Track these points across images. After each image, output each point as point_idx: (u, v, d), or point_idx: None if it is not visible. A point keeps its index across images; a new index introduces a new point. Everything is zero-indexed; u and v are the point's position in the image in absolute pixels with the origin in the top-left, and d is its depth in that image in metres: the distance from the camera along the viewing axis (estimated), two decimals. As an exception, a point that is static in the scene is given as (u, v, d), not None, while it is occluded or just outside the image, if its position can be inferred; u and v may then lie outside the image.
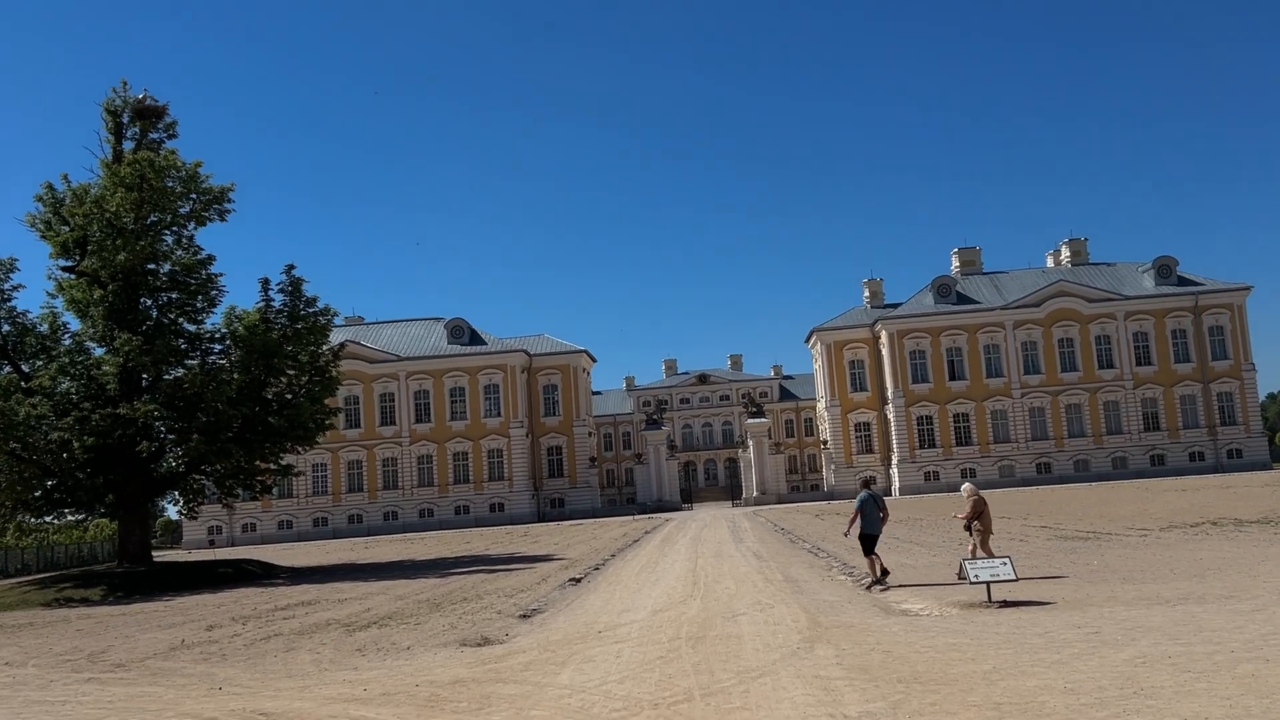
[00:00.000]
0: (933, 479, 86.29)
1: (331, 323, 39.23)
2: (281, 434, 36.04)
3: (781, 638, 12.06)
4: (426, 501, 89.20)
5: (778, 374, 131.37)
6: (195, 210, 38.36)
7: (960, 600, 14.67)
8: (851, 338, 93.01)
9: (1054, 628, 11.63)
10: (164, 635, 18.88)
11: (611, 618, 15.67)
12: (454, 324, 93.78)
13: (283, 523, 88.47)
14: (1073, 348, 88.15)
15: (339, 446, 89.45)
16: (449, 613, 19.10)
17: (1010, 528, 32.88)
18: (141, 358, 33.54)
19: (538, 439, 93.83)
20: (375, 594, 25.05)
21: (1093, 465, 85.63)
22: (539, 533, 59.88)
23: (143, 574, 33.23)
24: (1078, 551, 22.61)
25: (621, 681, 9.82)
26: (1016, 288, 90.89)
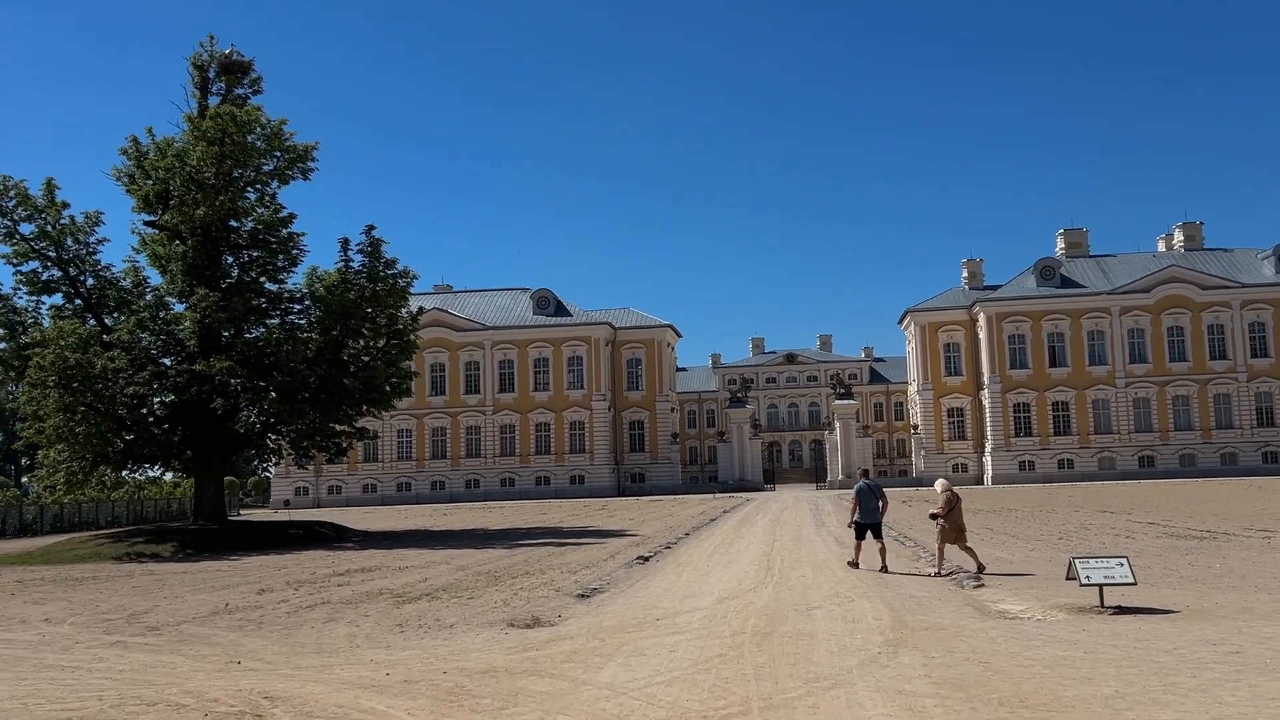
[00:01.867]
0: (1027, 469, 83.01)
1: (411, 286, 38.50)
2: (356, 396, 35.50)
3: (860, 639, 10.59)
4: (508, 471, 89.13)
5: (868, 356, 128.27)
6: (278, 168, 37.96)
7: (1067, 603, 12.98)
8: (947, 319, 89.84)
9: (1183, 643, 9.93)
10: (212, 597, 18.20)
11: (673, 603, 14.35)
12: (540, 294, 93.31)
13: (367, 486, 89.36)
14: (1183, 336, 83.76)
15: (424, 413, 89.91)
16: (506, 587, 18.03)
17: (1114, 523, 30.65)
18: (218, 314, 33.25)
19: (620, 413, 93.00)
20: (438, 563, 24.21)
21: (1199, 460, 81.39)
22: (616, 507, 58.98)
23: (215, 532, 33.09)
24: (1194, 552, 20.54)
25: (670, 684, 8.49)
26: (1125, 272, 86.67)
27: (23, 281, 35.66)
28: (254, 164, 37.20)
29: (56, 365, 30.90)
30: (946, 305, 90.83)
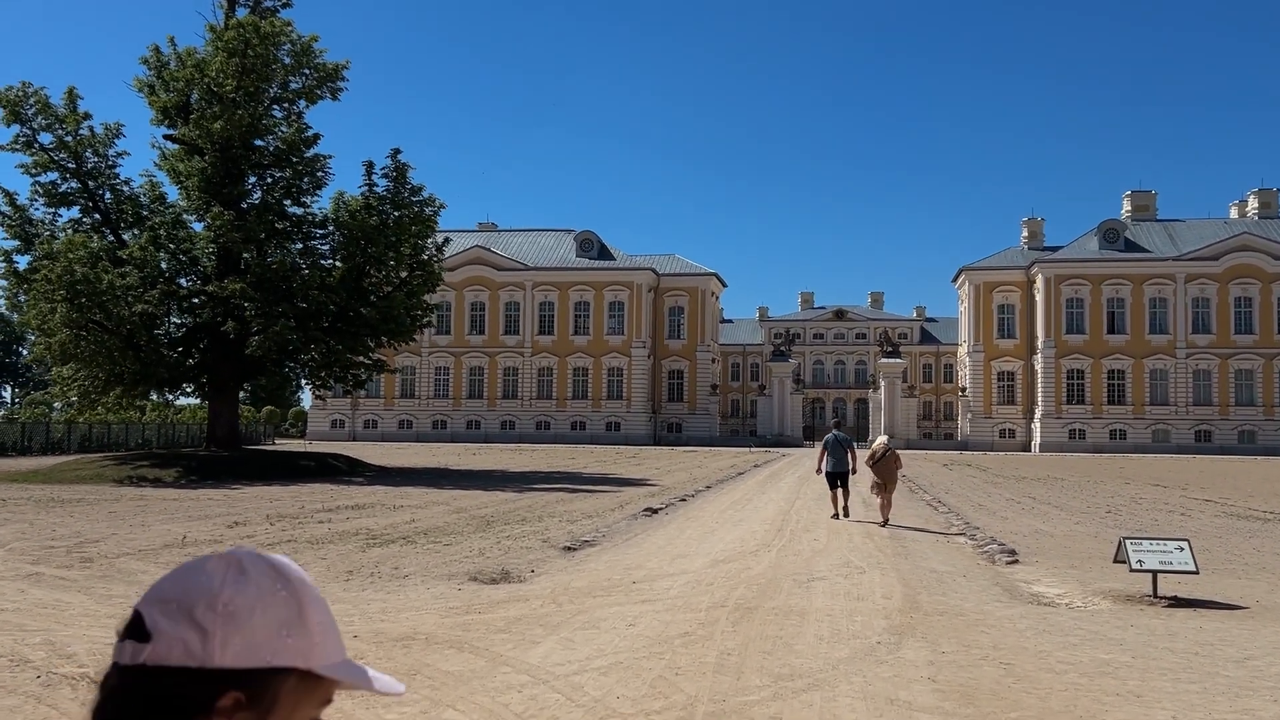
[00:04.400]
0: (1077, 437, 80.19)
1: (438, 214, 36.95)
2: (373, 327, 34.15)
3: (860, 622, 8.87)
4: (544, 414, 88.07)
5: (920, 315, 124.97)
6: (306, 87, 36.53)
7: (1113, 589, 11.15)
8: (1004, 280, 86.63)
9: (1256, 651, 8.10)
10: (178, 528, 16.93)
11: (661, 564, 12.73)
12: (584, 237, 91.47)
13: (403, 422, 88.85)
14: (1250, 308, 79.97)
15: (462, 351, 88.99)
16: (492, 535, 16.55)
17: (1168, 498, 28.52)
18: (232, 234, 31.97)
19: (660, 361, 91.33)
20: (437, 503, 22.85)
21: (1260, 438, 78.02)
22: (648, 456, 57.53)
23: (223, 459, 32.10)
24: (1257, 535, 18.50)
25: (607, 671, 6.86)
26: (1193, 238, 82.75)
27: (40, 192, 34.62)
28: (279, 80, 35.78)
29: (64, 279, 29.86)
30: (1003, 265, 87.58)
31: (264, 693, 1.09)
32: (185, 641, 1.07)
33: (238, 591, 1.10)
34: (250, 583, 1.12)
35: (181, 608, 1.09)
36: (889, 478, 18.80)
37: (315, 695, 1.13)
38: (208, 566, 1.14)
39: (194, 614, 1.08)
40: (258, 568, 1.14)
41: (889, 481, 18.80)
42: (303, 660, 1.10)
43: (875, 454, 18.98)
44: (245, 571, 1.13)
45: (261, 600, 1.11)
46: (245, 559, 1.15)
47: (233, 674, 1.07)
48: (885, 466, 18.73)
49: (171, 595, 1.11)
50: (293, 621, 1.11)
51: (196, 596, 1.10)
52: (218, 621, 1.08)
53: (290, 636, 1.10)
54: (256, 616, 1.09)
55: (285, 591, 1.13)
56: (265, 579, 1.13)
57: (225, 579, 1.11)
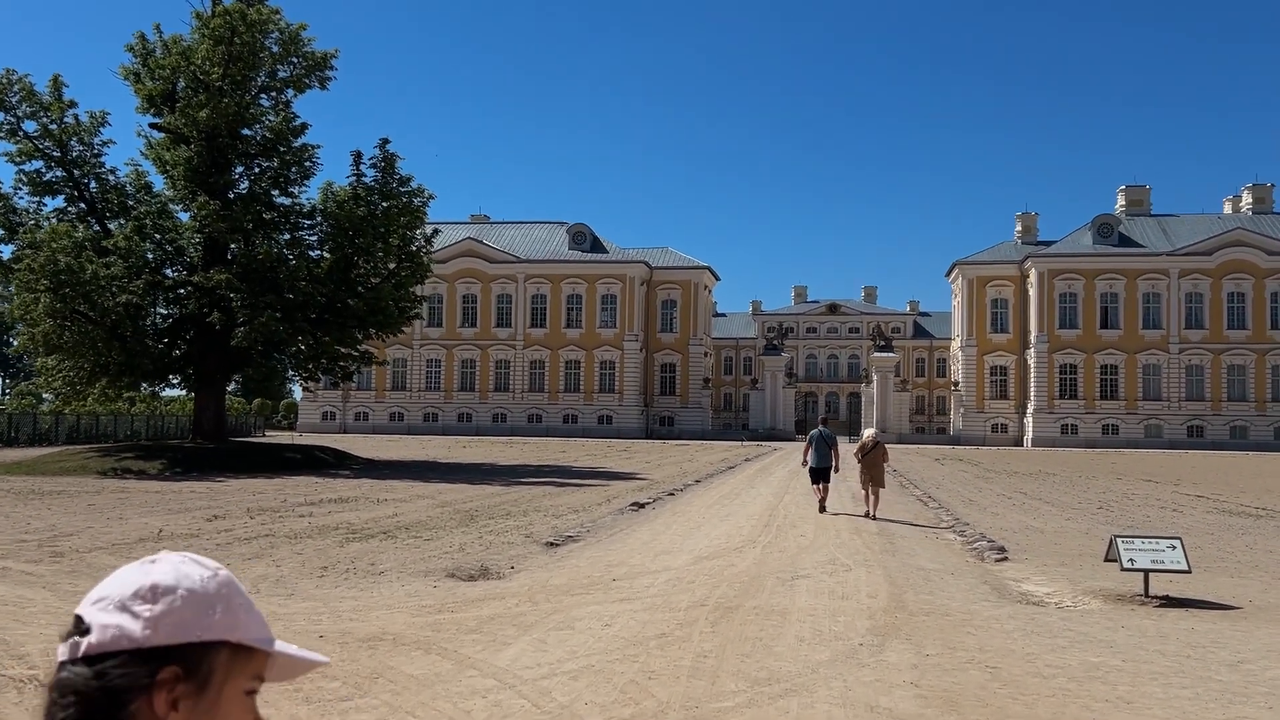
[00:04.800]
0: (1070, 432, 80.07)
1: (426, 205, 36.61)
2: (360, 318, 33.82)
3: (843, 623, 8.62)
4: (535, 407, 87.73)
5: (913, 309, 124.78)
6: (294, 75, 36.13)
7: (1103, 588, 10.93)
8: (997, 274, 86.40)
9: (1250, 654, 7.87)
10: (156, 521, 16.66)
11: (644, 560, 12.48)
12: (576, 229, 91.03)
13: (394, 414, 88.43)
14: (1243, 303, 79.82)
15: (454, 344, 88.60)
16: (475, 529, 16.30)
17: (1159, 494, 28.34)
18: (218, 224, 31.59)
19: (652, 354, 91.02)
20: (422, 497, 22.59)
21: (1252, 433, 77.93)
22: (639, 449, 57.29)
23: (209, 452, 31.79)
24: (1250, 532, 18.32)
25: (578, 675, 6.60)
26: (1187, 233, 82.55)
27: (24, 181, 34.21)
28: (267, 68, 35.43)
29: (48, 269, 29.48)
30: (997, 259, 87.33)
31: (199, 666, 1.20)
32: (120, 626, 1.18)
33: (163, 577, 1.23)
34: (174, 570, 1.24)
35: (113, 600, 1.21)
36: (876, 470, 19.02)
37: (247, 668, 1.25)
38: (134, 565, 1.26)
39: (126, 603, 1.20)
40: (179, 559, 1.27)
41: (876, 474, 19.02)
42: (230, 634, 1.23)
43: (864, 447, 19.33)
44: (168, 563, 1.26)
45: (187, 583, 1.23)
46: (164, 555, 1.28)
47: (167, 650, 1.18)
48: (873, 460, 19.03)
49: (103, 594, 1.22)
50: (217, 601, 1.23)
51: (126, 588, 1.22)
52: (148, 606, 1.20)
53: (216, 614, 1.22)
54: (183, 598, 1.21)
55: (207, 574, 1.26)
56: (189, 568, 1.25)
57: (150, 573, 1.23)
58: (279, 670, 1.29)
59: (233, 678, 1.23)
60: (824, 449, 20.05)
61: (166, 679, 1.18)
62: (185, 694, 1.19)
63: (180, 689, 1.18)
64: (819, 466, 19.98)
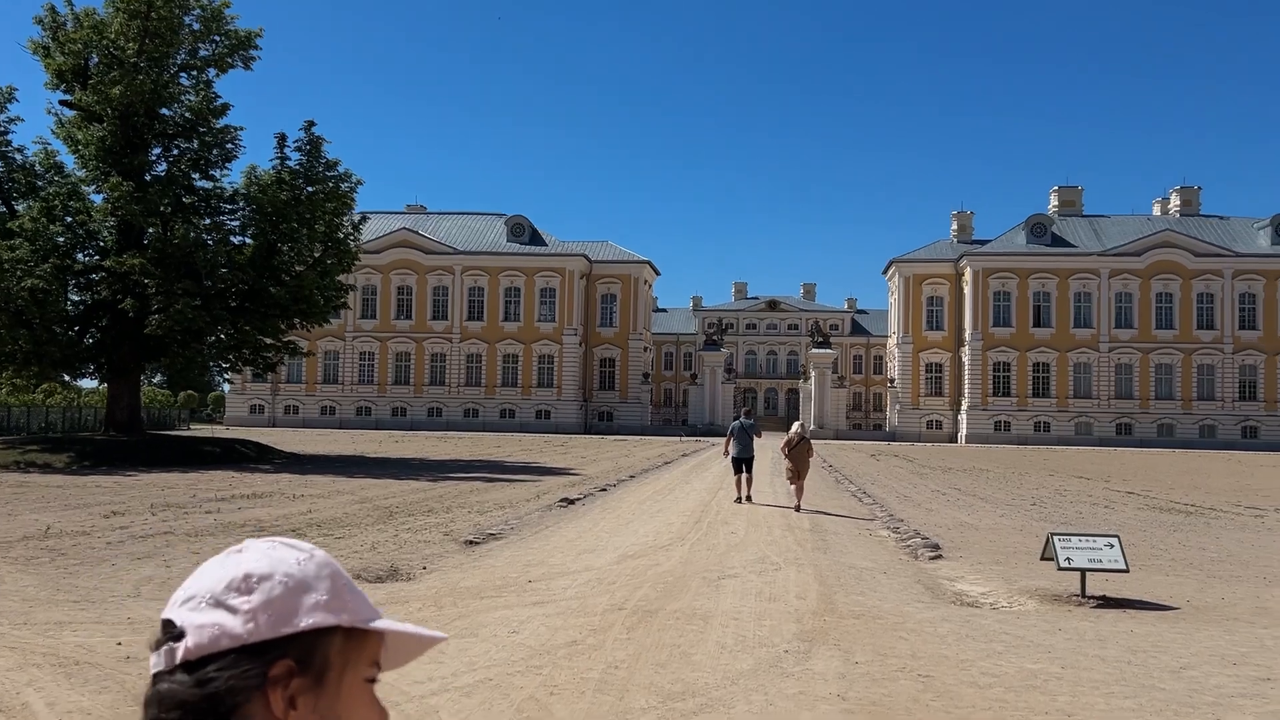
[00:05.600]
0: (1003, 429, 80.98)
1: (355, 191, 35.50)
2: (284, 307, 32.65)
3: (769, 627, 8.06)
4: (472, 401, 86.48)
5: (851, 307, 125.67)
6: (217, 54, 34.83)
7: (1039, 588, 10.53)
8: (933, 272, 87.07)
9: (1191, 659, 7.46)
10: (47, 518, 15.61)
11: (565, 560, 11.83)
12: (515, 221, 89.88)
13: (326, 408, 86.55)
14: (1171, 303, 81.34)
15: (388, 336, 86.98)
16: (392, 526, 15.53)
17: (1091, 490, 28.38)
18: (131, 206, 30.22)
19: (591, 349, 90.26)
20: (342, 493, 21.69)
21: (1178, 431, 79.50)
22: (576, 445, 56.53)
23: (121, 444, 30.46)
24: (1181, 529, 18.19)
25: (471, 690, 5.93)
26: (1117, 234, 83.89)
27: (-75, 160, 32.49)
28: (187, 46, 34.12)
29: (-53, 252, 27.97)
30: (933, 257, 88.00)
31: (312, 657, 1.07)
32: (218, 624, 1.05)
33: (256, 565, 1.08)
34: (265, 556, 1.10)
35: (205, 598, 1.07)
36: (802, 464, 19.27)
37: (363, 654, 1.11)
38: (218, 558, 1.12)
39: (220, 598, 1.06)
40: (266, 545, 1.13)
41: (802, 468, 19.27)
42: (340, 617, 1.08)
43: (790, 441, 19.60)
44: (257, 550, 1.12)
45: (283, 568, 1.09)
46: (250, 542, 1.14)
47: (276, 643, 1.05)
48: (798, 453, 19.30)
49: (192, 592, 1.09)
50: (318, 584, 1.09)
51: (217, 582, 1.08)
52: (244, 598, 1.06)
53: (321, 597, 1.08)
54: (282, 584, 1.07)
55: (303, 556, 1.12)
56: (279, 551, 1.12)
57: (240, 562, 1.10)
58: (395, 654, 1.13)
59: (351, 666, 1.09)
60: (745, 439, 20.54)
61: (280, 675, 1.04)
62: (302, 689, 1.05)
63: (296, 684, 1.05)
64: (740, 456, 20.48)
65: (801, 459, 19.28)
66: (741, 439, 20.65)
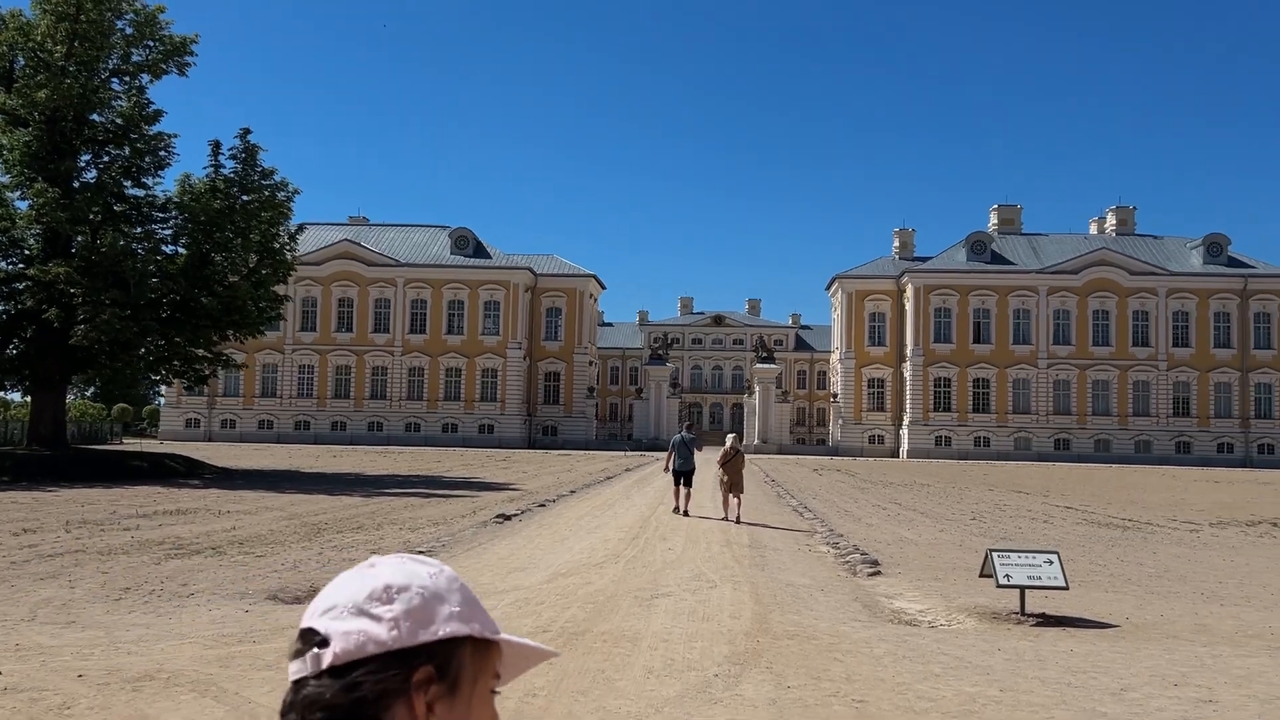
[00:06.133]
0: (944, 444, 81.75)
1: (291, 200, 34.75)
2: (215, 318, 31.78)
3: (700, 650, 7.74)
4: (414, 415, 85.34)
5: (795, 322, 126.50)
6: (150, 60, 33.98)
7: (978, 605, 10.34)
8: (875, 288, 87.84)
9: (1133, 680, 7.27)
10: (-49, 536, 14.84)
11: (494, 579, 11.42)
12: (459, 234, 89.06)
13: (263, 422, 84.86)
14: (1107, 321, 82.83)
15: (328, 349, 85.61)
16: (318, 544, 14.98)
17: (1030, 505, 28.53)
18: (57, 213, 29.24)
19: (536, 363, 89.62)
20: (270, 509, 21.01)
21: (1114, 446, 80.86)
22: (519, 459, 55.89)
23: (43, 459, 29.38)
24: (1119, 544, 18.23)
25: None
26: (1055, 252, 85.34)
27: None
28: (119, 50, 33.25)
29: None
30: (875, 274, 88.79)
31: (449, 664, 1.12)
32: (364, 631, 1.10)
33: (393, 577, 1.14)
34: (401, 569, 1.16)
35: (347, 607, 1.12)
36: (736, 477, 19.73)
37: (488, 665, 1.17)
38: (351, 572, 1.18)
39: (363, 608, 1.11)
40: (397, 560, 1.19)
41: (736, 480, 19.73)
42: (470, 627, 1.14)
43: (726, 455, 20.08)
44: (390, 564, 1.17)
45: (418, 580, 1.15)
46: (380, 558, 1.20)
47: (417, 650, 1.11)
48: (733, 467, 19.76)
49: (332, 603, 1.13)
50: (449, 595, 1.15)
51: (357, 593, 1.13)
52: (387, 607, 1.12)
53: (454, 607, 1.14)
54: (419, 595, 1.13)
55: (433, 570, 1.18)
56: (414, 566, 1.17)
57: (377, 574, 1.15)
58: (511, 666, 1.20)
59: (479, 676, 1.15)
60: (686, 453, 21.14)
61: (422, 680, 1.11)
62: (439, 695, 1.12)
63: (434, 690, 1.11)
64: (681, 470, 20.98)
65: (736, 472, 19.74)
66: (682, 453, 21.14)
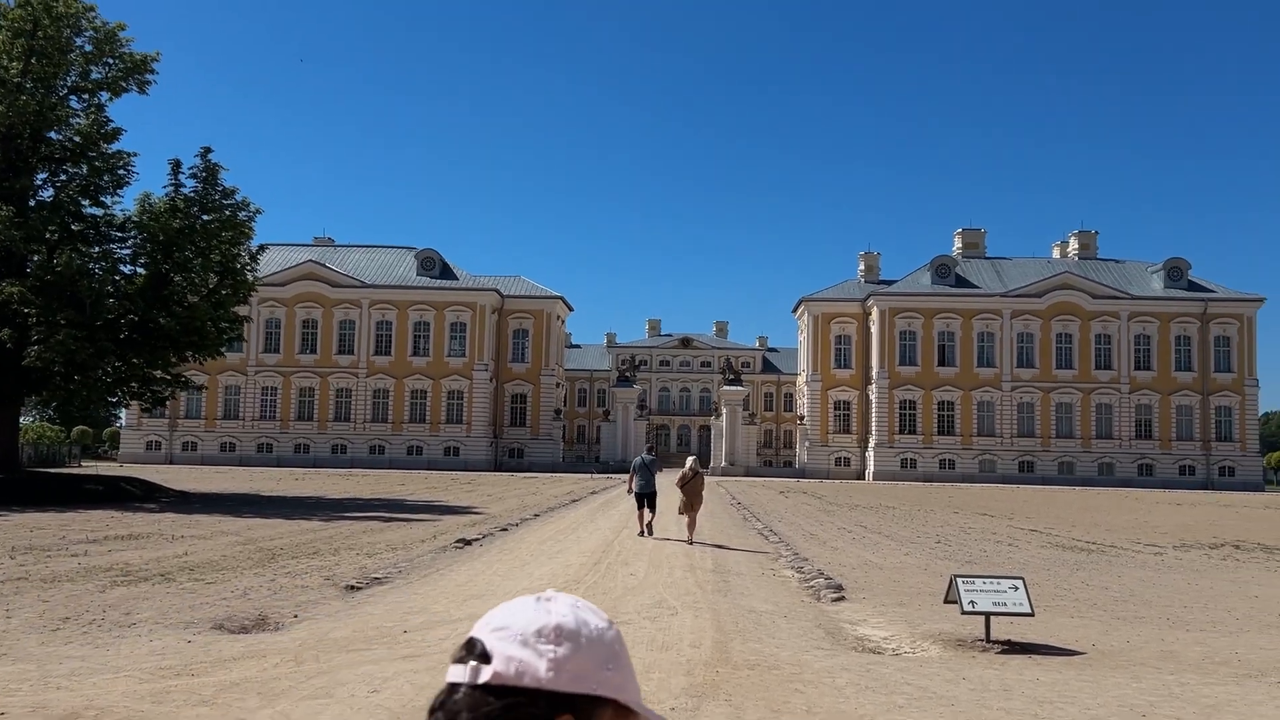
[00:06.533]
0: (909, 467, 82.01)
1: (253, 219, 34.34)
2: (173, 339, 31.24)
3: (657, 681, 7.50)
4: (379, 438, 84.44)
5: (763, 345, 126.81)
6: (110, 77, 33.54)
7: (943, 631, 10.19)
8: (841, 311, 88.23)
9: (1101, 710, 7.12)
10: (-112, 564, 14.32)
11: (450, 607, 11.13)
12: (425, 255, 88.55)
13: (226, 445, 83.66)
14: (1071, 344, 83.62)
15: (292, 370, 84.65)
16: (271, 570, 14.61)
17: (995, 528, 28.53)
18: (11, 231, 28.68)
19: (502, 384, 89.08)
20: (226, 534, 20.54)
21: (1078, 469, 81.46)
22: (484, 482, 55.41)
23: (-7, 483, 28.62)
24: (1084, 568, 18.19)
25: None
26: (1019, 275, 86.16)
27: None
28: (78, 68, 32.81)
29: None
30: (841, 297, 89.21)
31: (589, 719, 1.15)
32: (524, 662, 1.14)
33: (566, 622, 1.17)
34: (574, 615, 1.18)
35: (515, 635, 1.15)
36: (695, 498, 20.01)
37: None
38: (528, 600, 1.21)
39: (529, 641, 1.15)
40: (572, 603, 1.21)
41: (695, 502, 20.03)
42: (621, 693, 1.17)
43: (684, 476, 20.25)
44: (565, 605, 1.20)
45: (587, 630, 1.18)
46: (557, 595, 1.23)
47: (564, 698, 1.13)
48: (692, 488, 19.98)
49: (505, 624, 1.17)
50: (612, 656, 1.18)
51: (529, 625, 1.16)
52: (553, 647, 1.15)
53: (610, 670, 1.17)
54: (585, 646, 1.16)
55: (604, 627, 1.21)
56: (587, 615, 1.21)
57: (551, 612, 1.18)
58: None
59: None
60: (648, 475, 21.33)
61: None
62: None
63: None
64: (643, 492, 21.22)
65: (694, 493, 19.99)
66: (644, 474, 21.37)
